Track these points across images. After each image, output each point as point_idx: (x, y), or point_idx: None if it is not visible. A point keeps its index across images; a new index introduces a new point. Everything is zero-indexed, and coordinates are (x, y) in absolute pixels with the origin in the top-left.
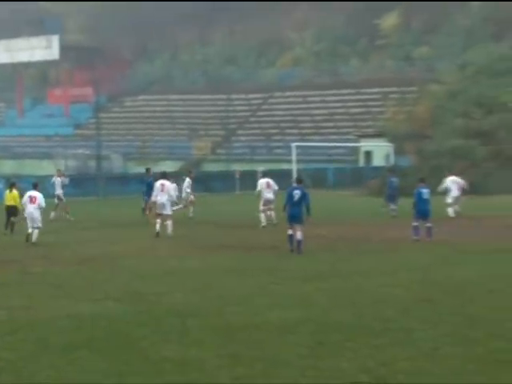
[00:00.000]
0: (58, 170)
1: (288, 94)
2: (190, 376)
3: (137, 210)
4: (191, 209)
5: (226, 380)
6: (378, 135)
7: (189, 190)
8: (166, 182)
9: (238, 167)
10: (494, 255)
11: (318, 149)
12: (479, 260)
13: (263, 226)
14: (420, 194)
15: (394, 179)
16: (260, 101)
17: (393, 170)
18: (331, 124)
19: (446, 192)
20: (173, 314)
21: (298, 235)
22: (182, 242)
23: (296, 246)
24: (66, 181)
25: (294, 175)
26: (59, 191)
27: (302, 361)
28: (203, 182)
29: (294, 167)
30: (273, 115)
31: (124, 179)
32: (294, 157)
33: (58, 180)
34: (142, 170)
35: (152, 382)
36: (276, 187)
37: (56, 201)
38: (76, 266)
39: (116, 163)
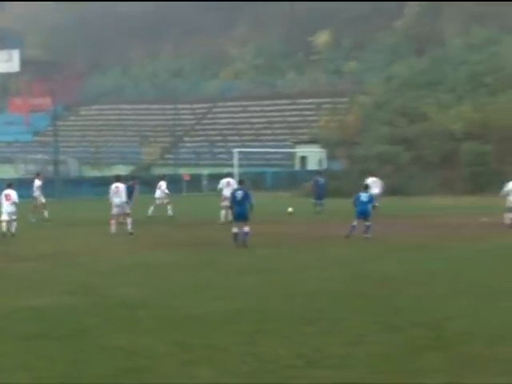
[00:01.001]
0: (38, 174)
1: (230, 104)
2: (140, 363)
3: (92, 211)
4: (169, 207)
5: (173, 365)
6: (312, 142)
7: (167, 191)
8: (120, 185)
9: (184, 171)
10: (416, 251)
11: (258, 154)
12: (403, 255)
13: (222, 223)
14: (359, 197)
15: (321, 179)
16: (204, 110)
17: (320, 172)
18: (269, 131)
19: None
20: (124, 305)
21: (246, 229)
22: (134, 240)
23: (242, 239)
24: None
25: (236, 178)
26: (37, 192)
27: (242, 347)
28: (153, 185)
29: (236, 171)
30: (216, 123)
31: (79, 182)
32: (235, 161)
33: (38, 182)
34: (96, 173)
35: (104, 368)
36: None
37: (36, 201)
38: (35, 262)
39: (72, 167)
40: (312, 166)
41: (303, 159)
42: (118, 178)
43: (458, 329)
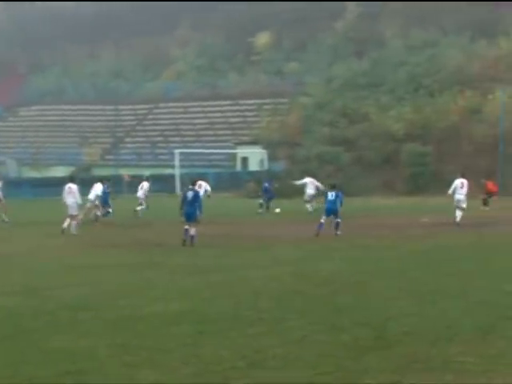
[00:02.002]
0: None
1: (171, 105)
2: (82, 364)
3: (32, 212)
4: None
5: (114, 367)
6: (253, 142)
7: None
8: (73, 186)
9: (125, 172)
10: (360, 251)
11: (199, 155)
12: (346, 255)
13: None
14: (326, 196)
15: (266, 183)
16: (146, 111)
17: (266, 175)
18: (211, 132)
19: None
20: (65, 307)
21: (192, 231)
22: (77, 241)
23: (189, 240)
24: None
25: (177, 179)
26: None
27: (184, 349)
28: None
29: (177, 172)
30: (157, 124)
31: (19, 183)
32: (177, 162)
33: None
34: (35, 174)
35: (44, 370)
36: (208, 188)
37: None
38: None
39: (11, 168)
40: (253, 166)
41: (244, 160)
42: (71, 179)
43: (401, 329)
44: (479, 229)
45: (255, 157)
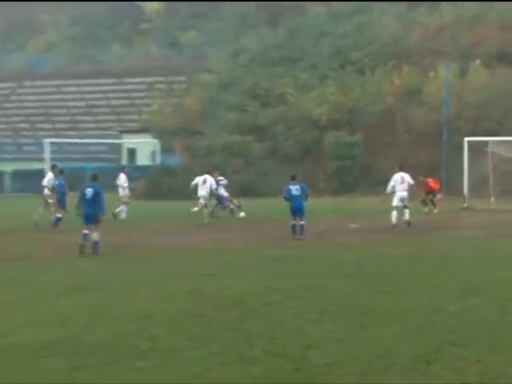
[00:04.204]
0: None
1: (39, 83)
2: None
3: None
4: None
5: None
6: (142, 130)
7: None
8: None
9: None
10: (274, 263)
11: (76, 146)
12: (256, 269)
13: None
14: (289, 191)
15: None
16: (7, 91)
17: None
18: (90, 118)
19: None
20: None
21: (94, 236)
22: None
23: (91, 247)
24: None
25: (47, 175)
26: None
27: None
28: None
29: (48, 167)
30: (22, 107)
31: None
32: (47, 155)
33: None
34: None
35: None
36: (214, 184)
37: None
38: None
39: None
40: (143, 160)
41: (132, 152)
42: None
43: (325, 359)
44: (420, 235)
45: (145, 148)
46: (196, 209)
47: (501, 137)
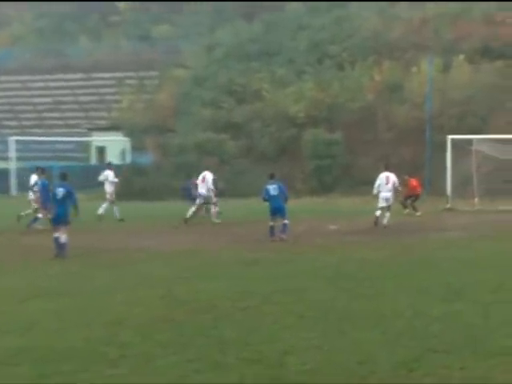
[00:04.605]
0: None
1: (4, 78)
2: None
3: None
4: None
5: None
6: (112, 128)
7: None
8: None
9: None
10: (248, 267)
11: (42, 144)
12: (230, 273)
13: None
14: (267, 191)
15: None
16: None
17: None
18: (57, 114)
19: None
20: None
21: (62, 238)
22: None
23: (60, 250)
24: None
25: (12, 176)
26: None
27: None
28: None
29: (13, 166)
30: None
31: None
32: (12, 153)
33: None
34: None
35: None
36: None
37: None
38: None
39: None
40: (113, 159)
41: (101, 150)
42: None
43: (302, 366)
44: (401, 237)
45: (115, 146)
46: (193, 209)
47: (485, 134)
